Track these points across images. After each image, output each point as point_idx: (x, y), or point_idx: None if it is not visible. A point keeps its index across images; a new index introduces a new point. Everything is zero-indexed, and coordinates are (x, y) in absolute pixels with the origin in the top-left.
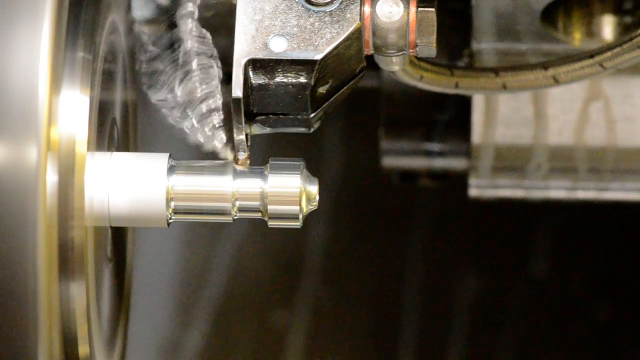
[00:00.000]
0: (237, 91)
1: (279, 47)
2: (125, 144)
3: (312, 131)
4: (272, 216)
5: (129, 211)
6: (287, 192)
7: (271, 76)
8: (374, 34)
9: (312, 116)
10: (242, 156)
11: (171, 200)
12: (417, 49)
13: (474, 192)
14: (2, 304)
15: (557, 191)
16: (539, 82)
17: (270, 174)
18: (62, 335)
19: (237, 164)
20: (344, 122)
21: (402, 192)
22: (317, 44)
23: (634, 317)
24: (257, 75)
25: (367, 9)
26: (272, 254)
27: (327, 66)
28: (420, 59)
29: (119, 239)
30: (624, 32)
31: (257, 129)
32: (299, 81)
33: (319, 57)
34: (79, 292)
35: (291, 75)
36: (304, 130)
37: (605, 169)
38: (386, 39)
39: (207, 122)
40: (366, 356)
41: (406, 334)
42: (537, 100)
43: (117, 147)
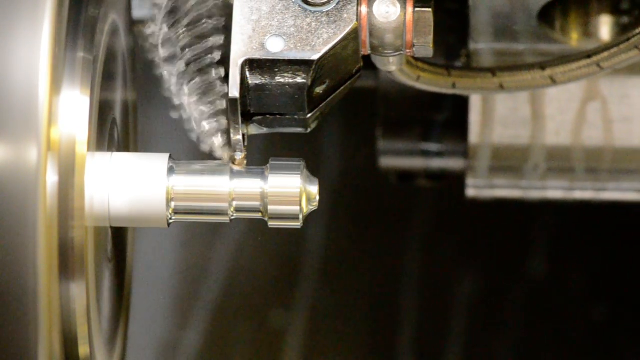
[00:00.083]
0: (234, 91)
1: (276, 47)
2: (125, 144)
3: (308, 131)
4: (272, 216)
5: (129, 211)
6: (287, 192)
7: (268, 76)
8: (371, 34)
9: (308, 116)
10: (239, 156)
11: (171, 200)
12: (414, 49)
13: (471, 192)
14: (2, 304)
15: (554, 191)
16: (536, 82)
17: (270, 174)
18: (62, 335)
19: (233, 164)
20: (341, 122)
21: (400, 192)
22: (313, 44)
23: (631, 316)
24: (253, 75)
25: (363, 9)
26: (270, 254)
27: (324, 66)
28: (417, 59)
29: (119, 239)
30: (621, 32)
31: (253, 129)
32: (295, 81)
33: (316, 57)
34: (79, 292)
35: (288, 75)
36: (300, 130)
37: (602, 169)
38: (383, 39)
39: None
40: (364, 356)
41: (404, 333)
42: (534, 100)
43: (117, 147)
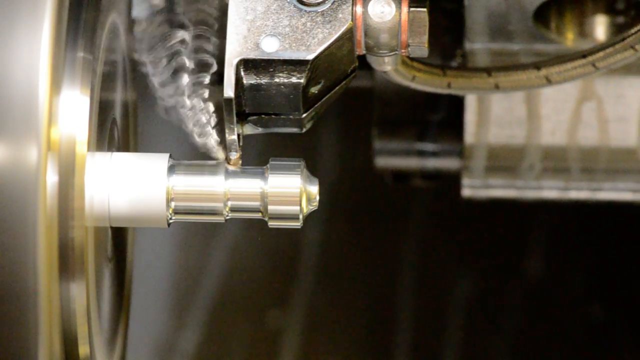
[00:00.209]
0: (229, 91)
1: (271, 47)
2: (125, 144)
3: (304, 131)
4: (272, 216)
5: (129, 211)
6: (287, 192)
7: (263, 76)
8: (366, 34)
9: (304, 116)
10: (234, 156)
11: (171, 200)
12: (409, 49)
13: (467, 192)
14: (2, 304)
15: (550, 191)
16: (531, 82)
17: (270, 174)
18: (62, 335)
19: (228, 164)
20: (337, 122)
21: (395, 192)
22: (308, 43)
23: (628, 316)
24: (248, 75)
25: (358, 9)
26: (267, 254)
27: (319, 66)
28: (412, 59)
29: (119, 239)
30: (616, 32)
31: (248, 129)
32: (290, 81)
33: (311, 56)
34: (79, 292)
35: (283, 75)
36: (295, 130)
37: (597, 169)
38: (378, 39)
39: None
40: (361, 355)
41: (400, 333)
42: (530, 100)
43: (117, 147)
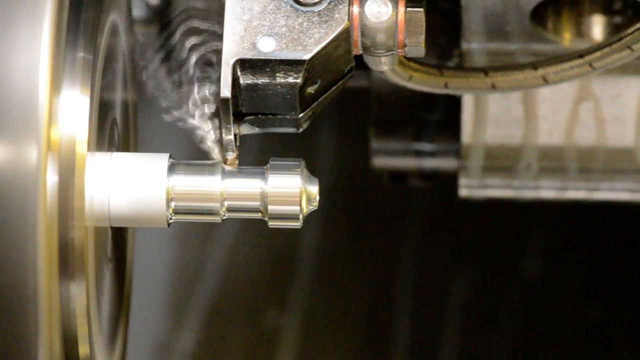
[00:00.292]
0: (226, 91)
1: (267, 47)
2: (125, 144)
3: (300, 131)
4: (272, 216)
5: (129, 211)
6: (287, 192)
7: (259, 76)
8: (362, 34)
9: (300, 116)
10: (231, 156)
11: (171, 200)
12: (406, 49)
13: (464, 192)
14: (2, 304)
15: (547, 191)
16: (528, 81)
17: (270, 174)
18: (62, 335)
19: (225, 164)
20: (334, 122)
21: (392, 192)
22: (305, 43)
23: (626, 316)
24: (245, 75)
25: (355, 9)
26: (265, 254)
27: (316, 66)
28: (409, 59)
29: (119, 239)
30: (613, 31)
31: (245, 129)
32: (287, 81)
33: (307, 56)
34: (79, 292)
35: (279, 75)
36: (292, 130)
37: (595, 169)
38: (374, 39)
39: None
40: (359, 355)
41: (398, 333)
42: (527, 100)
43: (117, 147)
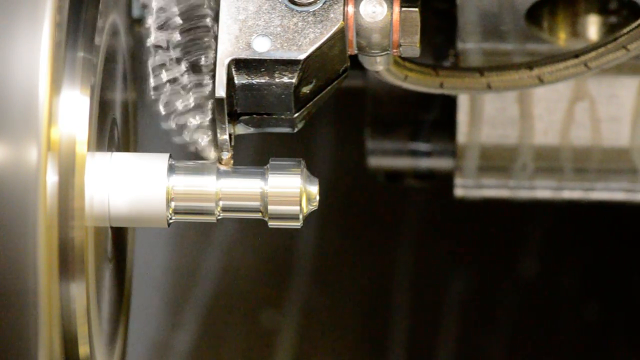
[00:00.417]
0: (220, 91)
1: (262, 47)
2: (125, 144)
3: (295, 131)
4: (272, 216)
5: (129, 211)
6: (287, 192)
7: (254, 76)
8: (358, 34)
9: (295, 116)
10: (226, 156)
11: (171, 200)
12: (401, 49)
13: (460, 192)
14: (2, 304)
15: (543, 191)
16: (523, 81)
17: (270, 173)
18: (62, 335)
19: (220, 164)
20: (329, 122)
21: (388, 192)
22: (300, 43)
23: (622, 315)
24: (240, 74)
25: (350, 9)
26: (262, 254)
27: (311, 66)
28: (404, 59)
29: (119, 239)
30: (609, 31)
31: (240, 129)
32: (282, 81)
33: (302, 56)
34: (79, 292)
35: (274, 74)
36: (287, 130)
37: (590, 169)
38: (369, 39)
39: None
40: (356, 355)
41: (395, 332)
42: (522, 100)
43: (117, 147)
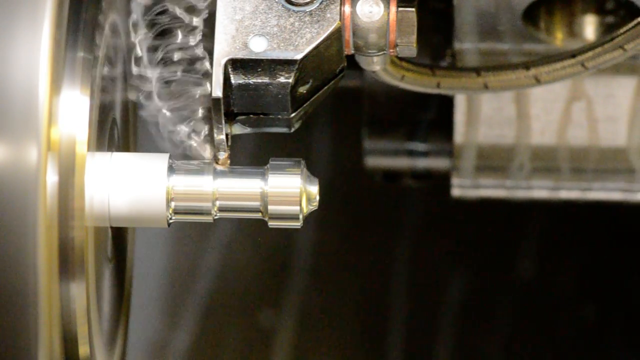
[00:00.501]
0: (217, 91)
1: (259, 47)
2: (125, 144)
3: (292, 131)
4: (272, 216)
5: (129, 211)
6: (287, 192)
7: (251, 76)
8: (354, 34)
9: (292, 116)
10: (222, 156)
11: (171, 200)
12: (397, 49)
13: (457, 192)
14: (2, 304)
15: (540, 191)
16: (520, 81)
17: (270, 173)
18: (62, 335)
19: (217, 164)
20: (326, 122)
21: (385, 192)
22: (296, 43)
23: (619, 316)
24: (236, 74)
25: (347, 9)
26: (260, 254)
27: (307, 66)
28: (401, 59)
29: (119, 239)
30: (606, 31)
31: (237, 129)
32: (278, 81)
33: (299, 56)
34: (79, 292)
35: (271, 74)
36: (284, 129)
37: (587, 169)
38: (366, 39)
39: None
40: (354, 355)
41: (393, 332)
42: (519, 99)
43: (117, 147)
